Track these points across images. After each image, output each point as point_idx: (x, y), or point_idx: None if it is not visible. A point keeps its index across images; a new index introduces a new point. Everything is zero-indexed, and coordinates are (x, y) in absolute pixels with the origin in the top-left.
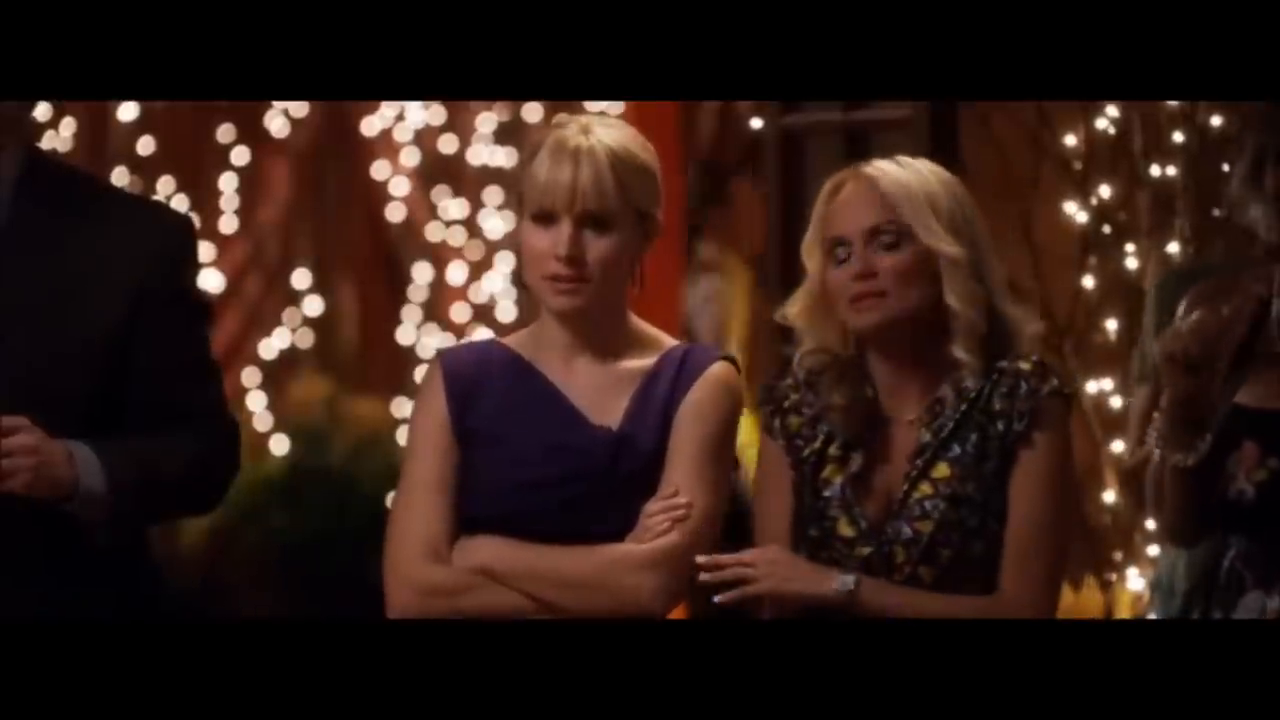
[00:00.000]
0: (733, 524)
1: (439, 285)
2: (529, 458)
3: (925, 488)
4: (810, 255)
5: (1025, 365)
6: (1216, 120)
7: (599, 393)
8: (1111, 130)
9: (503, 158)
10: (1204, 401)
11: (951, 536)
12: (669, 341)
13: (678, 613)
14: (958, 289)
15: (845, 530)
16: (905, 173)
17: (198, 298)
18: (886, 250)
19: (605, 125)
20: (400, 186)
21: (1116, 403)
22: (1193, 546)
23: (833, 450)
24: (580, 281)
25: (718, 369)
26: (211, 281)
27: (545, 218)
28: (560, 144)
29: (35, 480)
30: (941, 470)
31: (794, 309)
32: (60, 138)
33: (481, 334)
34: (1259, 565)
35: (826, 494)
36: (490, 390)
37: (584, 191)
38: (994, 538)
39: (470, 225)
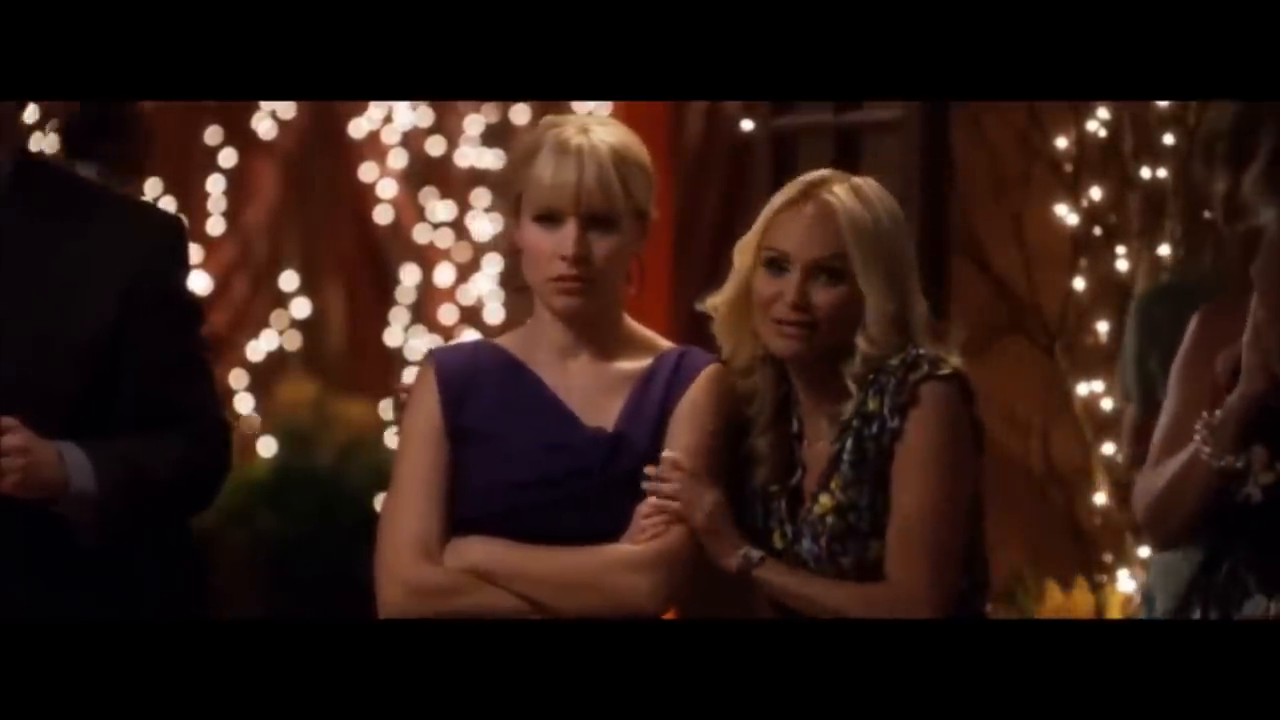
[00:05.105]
0: None
1: (426, 287)
2: (522, 457)
3: (825, 500)
4: (742, 254)
5: (894, 361)
6: None
7: (593, 394)
8: (1102, 132)
9: (490, 160)
10: (1273, 403)
11: (847, 545)
12: (664, 344)
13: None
14: (874, 336)
15: (777, 543)
16: (863, 210)
17: (188, 298)
18: (826, 284)
19: (602, 124)
20: (388, 188)
21: (1108, 405)
22: (1171, 549)
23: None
24: (585, 282)
25: (714, 370)
26: (198, 283)
27: (549, 218)
28: (562, 144)
29: (25, 481)
30: (836, 481)
31: (716, 301)
32: (47, 139)
33: (469, 335)
34: (1263, 569)
35: (770, 505)
36: (483, 389)
37: (590, 191)
38: None
39: (458, 227)
